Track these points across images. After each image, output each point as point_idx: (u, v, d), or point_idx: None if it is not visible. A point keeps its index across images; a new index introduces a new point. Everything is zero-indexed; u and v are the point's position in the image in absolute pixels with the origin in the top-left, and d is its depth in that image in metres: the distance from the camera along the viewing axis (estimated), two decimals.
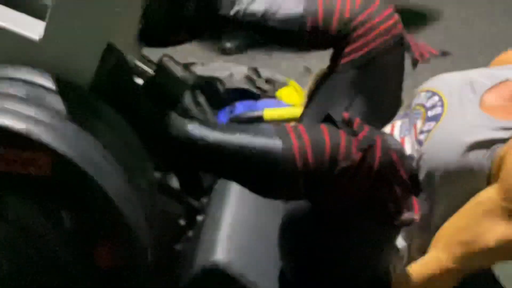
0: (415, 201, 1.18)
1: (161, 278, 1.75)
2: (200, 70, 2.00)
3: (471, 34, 2.67)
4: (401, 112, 1.48)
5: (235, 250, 1.44)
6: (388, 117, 1.48)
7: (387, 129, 1.43)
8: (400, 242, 1.33)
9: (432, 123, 1.31)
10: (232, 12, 1.52)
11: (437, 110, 1.33)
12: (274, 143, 1.18)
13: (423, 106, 1.37)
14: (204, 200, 1.62)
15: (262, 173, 1.21)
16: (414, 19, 2.77)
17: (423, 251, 1.30)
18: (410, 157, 1.24)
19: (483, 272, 1.30)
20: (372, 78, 1.48)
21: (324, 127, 1.18)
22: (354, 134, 1.15)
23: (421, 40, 2.63)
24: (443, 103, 1.33)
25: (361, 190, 1.14)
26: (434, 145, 1.28)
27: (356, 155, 1.13)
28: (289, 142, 1.17)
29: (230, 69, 1.99)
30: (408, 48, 1.51)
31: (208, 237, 1.49)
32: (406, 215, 1.16)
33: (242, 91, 1.98)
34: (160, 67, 1.65)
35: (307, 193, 1.19)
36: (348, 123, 1.18)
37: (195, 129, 1.21)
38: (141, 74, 1.73)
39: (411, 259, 1.32)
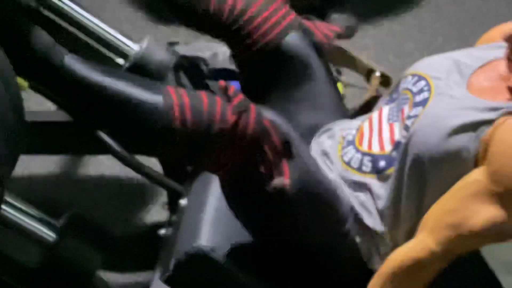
0: (286, 167, 1.26)
1: (145, 263, 1.74)
2: (183, 49, 1.96)
3: (462, 13, 2.64)
4: (386, 96, 1.45)
5: (219, 235, 1.43)
6: (334, 103, 1.51)
7: (375, 115, 1.40)
8: (379, 226, 1.32)
9: (419, 108, 1.29)
10: None
11: (424, 95, 1.31)
12: (155, 98, 1.25)
13: (410, 91, 1.35)
14: (188, 184, 1.60)
15: (139, 126, 1.26)
16: None
17: (412, 235, 1.28)
18: (283, 126, 1.29)
19: (471, 255, 1.27)
20: (281, 67, 1.48)
21: (203, 93, 1.27)
22: (229, 100, 1.25)
23: (412, 21, 2.62)
24: (430, 88, 1.31)
25: (236, 152, 1.23)
26: (420, 130, 1.26)
27: (231, 118, 1.23)
28: (170, 100, 1.25)
29: (214, 49, 1.95)
30: (308, 32, 1.51)
31: (191, 222, 1.47)
32: (276, 180, 1.25)
33: (227, 71, 1.94)
34: (143, 49, 1.63)
35: (182, 154, 1.27)
36: (224, 91, 1.26)
37: (73, 62, 1.24)
38: (123, 54, 1.71)
39: (399, 243, 1.30)
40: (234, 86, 1.27)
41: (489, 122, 1.21)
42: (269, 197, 1.27)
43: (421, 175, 1.26)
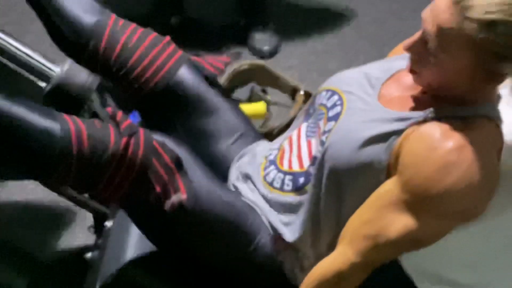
0: (181, 183, 1.31)
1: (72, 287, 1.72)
2: None
3: (382, 32, 2.72)
4: (303, 113, 1.48)
5: (144, 255, 1.43)
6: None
7: (294, 133, 1.43)
8: (288, 235, 1.35)
9: (332, 123, 1.32)
10: None
11: (337, 109, 1.33)
12: (53, 125, 1.27)
13: (325, 106, 1.38)
14: (114, 206, 1.59)
15: (36, 152, 1.27)
16: (328, 18, 2.80)
17: (334, 247, 1.30)
18: (169, 145, 1.34)
19: (390, 264, 1.30)
20: (177, 103, 1.50)
21: (96, 121, 1.32)
22: (118, 125, 1.30)
23: (335, 40, 2.68)
24: (342, 102, 1.34)
25: (129, 174, 1.28)
26: (334, 144, 1.28)
27: (122, 141, 1.28)
28: (67, 126, 1.27)
29: None
30: (198, 67, 1.53)
31: (117, 244, 1.47)
32: (174, 197, 1.29)
33: None
34: (64, 71, 1.63)
35: (77, 180, 1.29)
36: (112, 117, 1.31)
37: None
38: (44, 77, 1.70)
39: (322, 256, 1.32)
40: (121, 112, 1.33)
41: (398, 132, 1.24)
42: (168, 215, 1.31)
43: (337, 187, 1.28)
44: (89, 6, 1.52)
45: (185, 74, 1.50)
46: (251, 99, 2.18)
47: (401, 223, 1.21)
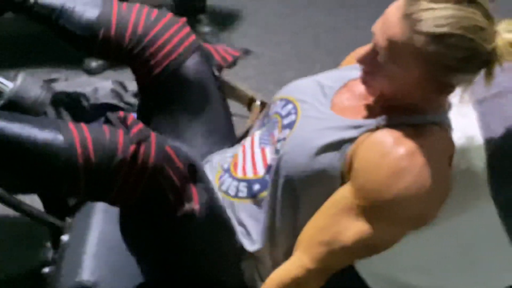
0: (194, 192, 1.27)
1: None
2: (63, 86, 1.94)
3: (337, 41, 2.75)
4: (257, 122, 1.49)
5: (102, 269, 1.41)
6: (225, 126, 1.54)
7: (247, 141, 1.44)
8: (247, 244, 1.35)
9: (287, 131, 1.33)
10: None
11: (292, 117, 1.35)
12: (55, 136, 1.22)
13: (279, 114, 1.39)
14: (69, 219, 1.58)
15: (42, 168, 1.23)
16: (284, 27, 2.82)
17: (290, 255, 1.31)
18: (185, 151, 1.31)
19: (346, 270, 1.31)
20: (180, 90, 1.51)
21: (105, 126, 1.26)
22: (129, 130, 1.25)
23: (292, 50, 2.70)
24: (297, 110, 1.35)
25: (141, 182, 1.23)
26: (289, 152, 1.29)
27: (131, 147, 1.22)
28: (71, 136, 1.22)
29: (95, 84, 1.94)
30: (208, 55, 1.55)
31: (73, 258, 1.45)
32: (187, 206, 1.25)
33: (108, 106, 1.94)
34: (16, 86, 1.61)
35: (88, 190, 1.25)
36: (123, 121, 1.26)
37: None
38: None
39: (279, 264, 1.32)
40: (133, 115, 1.28)
41: (351, 140, 1.26)
42: (175, 223, 1.28)
43: (293, 195, 1.29)
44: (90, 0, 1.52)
45: (195, 60, 1.50)
46: None
47: (355, 229, 1.23)
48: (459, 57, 1.17)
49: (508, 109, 1.32)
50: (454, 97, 1.29)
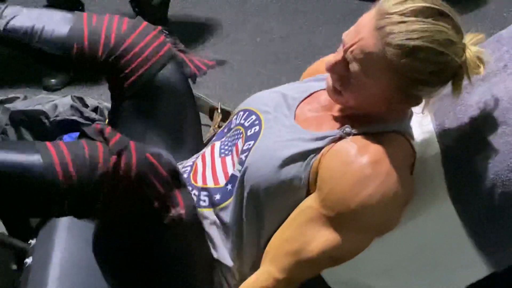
0: (180, 198, 1.27)
1: None
2: (22, 104, 1.92)
3: (292, 47, 2.76)
4: (218, 133, 1.48)
5: None
6: (195, 135, 1.53)
7: (207, 150, 1.43)
8: (228, 261, 1.34)
9: (251, 142, 1.33)
10: None
11: (255, 129, 1.35)
12: (33, 159, 1.20)
13: (242, 126, 1.39)
14: (33, 241, 1.55)
15: (23, 191, 1.20)
16: (243, 36, 2.82)
17: (257, 267, 1.31)
18: (166, 156, 1.29)
19: (313, 279, 1.31)
20: (153, 100, 1.50)
21: (83, 141, 1.24)
22: (107, 141, 1.23)
23: (252, 56, 2.70)
24: (261, 122, 1.35)
25: (125, 193, 1.21)
26: (254, 163, 1.29)
27: (111, 159, 1.20)
28: (50, 157, 1.20)
29: (54, 101, 1.92)
30: (182, 64, 1.54)
31: (37, 281, 1.43)
32: (173, 211, 1.25)
33: (70, 122, 1.92)
34: None
35: (73, 208, 1.23)
36: (101, 133, 1.25)
37: None
38: None
39: (246, 274, 1.32)
40: (109, 127, 1.27)
41: (316, 151, 1.26)
42: (155, 231, 1.27)
43: (258, 206, 1.29)
44: (59, 17, 1.51)
45: (170, 69, 1.49)
46: None
47: (322, 238, 1.24)
48: (430, 70, 1.18)
49: (459, 108, 1.33)
50: (417, 106, 1.30)
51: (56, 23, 1.51)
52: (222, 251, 1.34)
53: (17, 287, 1.53)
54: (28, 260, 1.51)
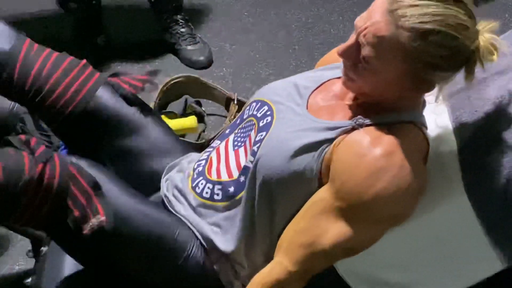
0: (99, 206, 1.30)
1: None
2: None
3: (311, 37, 2.75)
4: (231, 125, 1.48)
5: (82, 277, 1.41)
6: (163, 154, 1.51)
7: (222, 144, 1.43)
8: (222, 246, 1.35)
9: (263, 133, 1.33)
10: None
11: (267, 119, 1.35)
12: None
13: (255, 117, 1.39)
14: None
15: None
16: (258, 26, 2.82)
17: (268, 258, 1.32)
18: (84, 168, 1.33)
19: (326, 270, 1.32)
20: (98, 128, 1.49)
21: (10, 150, 1.28)
22: (32, 152, 1.28)
23: (266, 47, 2.70)
24: (273, 112, 1.35)
25: (48, 201, 1.26)
26: (265, 154, 1.29)
27: (37, 168, 1.25)
28: None
29: None
30: (116, 87, 1.52)
31: (53, 268, 1.45)
32: (93, 220, 1.28)
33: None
34: None
35: None
36: (26, 144, 1.29)
37: None
38: None
39: (258, 265, 1.33)
40: (35, 138, 1.31)
41: (329, 141, 1.26)
42: (89, 238, 1.29)
43: (270, 196, 1.29)
44: (0, 32, 1.48)
45: (103, 96, 1.48)
46: (185, 111, 2.18)
47: (335, 230, 1.24)
48: (442, 54, 1.17)
49: (476, 102, 1.33)
50: (430, 95, 1.30)
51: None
52: (234, 244, 1.34)
53: (33, 273, 1.56)
54: (44, 248, 1.53)
